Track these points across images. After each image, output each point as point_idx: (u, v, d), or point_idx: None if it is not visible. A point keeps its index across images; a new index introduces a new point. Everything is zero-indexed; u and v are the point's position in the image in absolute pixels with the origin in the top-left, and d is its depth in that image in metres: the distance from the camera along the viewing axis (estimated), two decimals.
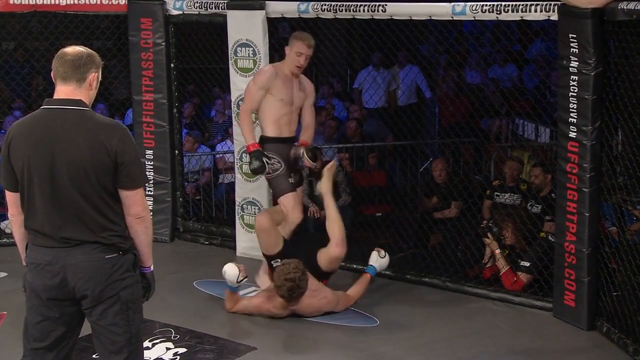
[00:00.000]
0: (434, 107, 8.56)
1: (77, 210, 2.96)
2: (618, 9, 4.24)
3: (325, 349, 4.47)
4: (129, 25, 6.22)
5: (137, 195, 3.03)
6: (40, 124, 2.98)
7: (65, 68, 3.00)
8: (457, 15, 5.03)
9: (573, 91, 4.55)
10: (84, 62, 3.01)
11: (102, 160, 2.94)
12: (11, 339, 4.50)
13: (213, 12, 5.98)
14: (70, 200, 2.95)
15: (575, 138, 4.58)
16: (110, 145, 2.94)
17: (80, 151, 2.93)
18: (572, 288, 4.70)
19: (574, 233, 4.64)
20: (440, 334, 4.67)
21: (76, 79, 3.00)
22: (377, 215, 6.71)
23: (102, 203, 2.98)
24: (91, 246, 2.98)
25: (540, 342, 4.58)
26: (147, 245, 3.13)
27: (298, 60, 5.12)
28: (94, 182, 2.95)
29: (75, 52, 3.02)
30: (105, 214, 3.00)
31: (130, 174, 2.99)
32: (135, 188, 3.02)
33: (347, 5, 5.41)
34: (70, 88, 3.00)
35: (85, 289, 2.99)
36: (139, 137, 6.32)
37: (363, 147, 7.46)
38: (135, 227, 3.06)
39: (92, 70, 3.03)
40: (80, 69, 3.00)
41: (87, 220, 2.97)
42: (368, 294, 5.24)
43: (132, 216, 3.04)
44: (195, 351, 4.38)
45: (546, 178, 5.77)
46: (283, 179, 5.21)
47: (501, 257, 5.24)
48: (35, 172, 2.95)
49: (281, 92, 5.15)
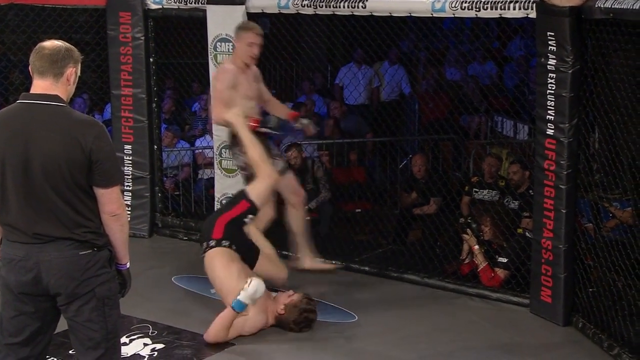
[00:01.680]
0: (413, 104, 8.58)
1: (51, 206, 2.94)
2: (595, 8, 4.27)
3: (303, 344, 4.47)
4: (108, 19, 6.18)
5: (113, 193, 3.00)
6: (16, 118, 2.95)
7: (42, 62, 2.96)
8: (437, 12, 5.04)
9: (551, 89, 4.58)
10: (62, 56, 2.98)
11: (77, 157, 2.91)
12: None
13: (193, 6, 5.96)
14: (44, 196, 2.93)
15: (553, 135, 4.61)
16: (86, 142, 2.91)
17: (55, 147, 2.90)
18: (549, 284, 4.74)
19: (551, 229, 4.67)
20: (419, 329, 4.70)
21: (53, 73, 2.96)
22: (356, 211, 6.72)
23: (76, 200, 2.95)
24: (65, 242, 2.96)
25: (518, 337, 4.62)
26: (122, 243, 3.11)
27: (251, 51, 5.07)
28: (68, 178, 2.92)
29: (53, 47, 2.99)
30: (80, 210, 2.97)
31: (105, 172, 2.96)
32: (110, 186, 2.99)
33: (327, 1, 5.40)
34: (47, 83, 2.97)
35: (59, 286, 2.97)
36: (118, 131, 6.28)
37: (343, 144, 7.47)
38: (111, 225, 3.04)
39: (70, 65, 3.00)
40: (57, 64, 2.97)
41: (60, 216, 2.94)
42: (346, 290, 5.25)
43: (107, 214, 3.01)
44: (173, 347, 4.37)
45: (524, 175, 5.80)
46: None
47: (479, 253, 5.27)
48: (9, 166, 2.92)
49: (245, 87, 5.14)
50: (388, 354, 4.34)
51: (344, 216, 6.66)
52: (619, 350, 4.24)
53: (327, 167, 7.10)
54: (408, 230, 6.30)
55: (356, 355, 4.34)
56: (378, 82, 8.75)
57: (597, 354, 4.34)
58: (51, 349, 4.26)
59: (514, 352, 4.42)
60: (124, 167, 6.28)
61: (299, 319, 4.55)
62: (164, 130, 7.24)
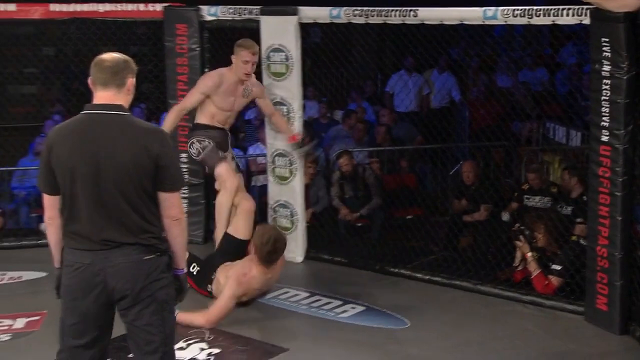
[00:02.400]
0: (464, 111, 8.50)
1: (120, 213, 3.00)
2: None
3: (356, 350, 4.46)
4: (165, 31, 6.27)
5: (175, 197, 3.08)
6: (84, 129, 3.02)
7: (104, 74, 3.04)
8: (489, 20, 5.00)
9: (605, 95, 4.49)
10: (122, 67, 3.06)
11: (145, 163, 2.98)
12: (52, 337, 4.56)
13: (246, 17, 6.01)
14: (113, 202, 2.99)
15: (608, 142, 4.52)
16: (153, 148, 2.98)
17: (124, 155, 2.97)
18: (605, 292, 4.64)
19: (607, 237, 4.58)
20: (471, 336, 4.64)
21: (116, 84, 3.04)
22: (407, 217, 6.67)
23: (142, 206, 3.02)
24: (131, 247, 3.02)
25: (572, 345, 4.53)
26: (182, 247, 3.17)
27: (245, 68, 5.27)
28: (137, 185, 2.99)
29: (113, 59, 3.07)
30: (146, 216, 3.03)
31: (170, 177, 3.04)
32: (174, 191, 3.07)
33: (378, 11, 5.39)
34: (110, 94, 3.04)
35: (125, 290, 3.02)
36: (174, 140, 6.35)
37: (394, 151, 7.43)
38: (173, 230, 3.10)
39: (130, 76, 3.08)
40: (119, 75, 3.05)
41: (128, 223, 3.00)
42: (398, 297, 5.22)
43: (169, 218, 3.08)
44: (229, 352, 4.40)
45: (574, 181, 5.71)
46: (213, 153, 5.35)
47: (532, 260, 5.19)
48: (79, 175, 2.98)
49: (221, 100, 5.36)
50: None
51: (395, 223, 6.62)
52: None
53: (377, 174, 7.07)
54: (459, 236, 6.24)
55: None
56: (428, 89, 8.71)
57: None
58: (111, 353, 4.35)
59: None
60: None
61: (261, 241, 4.73)
62: None
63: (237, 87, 5.37)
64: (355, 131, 7.67)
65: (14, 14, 6.23)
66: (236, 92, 5.38)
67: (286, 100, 5.83)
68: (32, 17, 6.29)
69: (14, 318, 4.80)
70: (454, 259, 5.80)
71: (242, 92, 5.42)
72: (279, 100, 5.84)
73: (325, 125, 8.27)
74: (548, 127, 7.85)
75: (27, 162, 7.36)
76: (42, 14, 6.26)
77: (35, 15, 6.26)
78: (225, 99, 5.36)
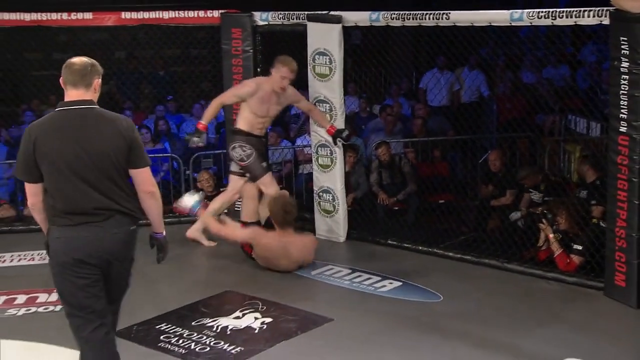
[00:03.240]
0: (492, 105, 8.39)
1: (104, 189, 3.17)
2: None
3: (394, 320, 4.45)
4: (222, 35, 6.30)
5: (146, 172, 3.27)
6: (63, 122, 3.18)
7: (74, 76, 3.22)
8: (515, 22, 4.91)
9: (624, 89, 4.39)
10: (89, 70, 3.24)
11: (121, 145, 3.18)
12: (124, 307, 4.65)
13: (295, 22, 6.01)
14: (98, 181, 3.16)
15: (626, 132, 4.42)
16: (126, 133, 3.19)
17: (103, 140, 3.16)
18: (623, 269, 4.55)
19: (624, 219, 4.49)
20: (499, 309, 4.60)
21: (84, 84, 3.22)
22: (440, 202, 6.62)
23: (122, 182, 3.22)
24: (117, 218, 3.19)
25: (593, 317, 4.46)
26: (158, 215, 3.35)
27: (282, 83, 5.37)
28: (116, 164, 3.18)
29: (82, 63, 3.25)
30: (125, 190, 3.23)
31: (140, 155, 3.24)
32: (144, 166, 3.26)
33: (414, 14, 5.35)
34: (80, 92, 3.22)
35: (114, 254, 3.20)
36: (230, 132, 6.40)
37: (427, 142, 7.38)
38: (147, 201, 3.30)
39: (96, 77, 3.26)
40: (87, 77, 3.22)
41: (113, 197, 3.18)
42: (432, 273, 5.20)
43: (143, 192, 3.27)
44: (279, 321, 4.43)
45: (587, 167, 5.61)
46: (257, 164, 5.44)
47: (555, 241, 5.11)
48: (65, 161, 3.13)
49: (256, 107, 5.44)
50: (471, 331, 4.27)
51: (429, 207, 6.57)
52: None
53: (413, 162, 7.03)
54: (487, 219, 6.17)
55: (442, 332, 4.28)
56: (458, 85, 8.61)
57: None
58: (175, 320, 4.42)
59: (590, 331, 4.26)
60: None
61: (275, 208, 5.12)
62: (269, 132, 7.32)
63: (271, 96, 5.44)
64: (387, 124, 7.64)
65: (90, 21, 6.35)
66: (270, 100, 5.46)
67: (329, 98, 5.83)
68: (106, 24, 6.39)
69: (50, 292, 4.84)
70: (482, 239, 5.74)
71: (276, 100, 5.48)
72: (322, 99, 5.83)
73: (365, 118, 8.24)
74: (570, 119, 7.69)
75: None
76: (115, 21, 6.35)
77: (108, 22, 6.36)
78: (260, 106, 5.44)
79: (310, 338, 4.22)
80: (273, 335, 4.24)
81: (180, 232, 5.97)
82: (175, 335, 4.24)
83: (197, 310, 4.60)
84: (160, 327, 4.34)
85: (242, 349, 4.06)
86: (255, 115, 5.47)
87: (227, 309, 4.59)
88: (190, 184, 7.20)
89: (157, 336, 4.23)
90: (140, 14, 6.32)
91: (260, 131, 5.60)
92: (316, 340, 4.19)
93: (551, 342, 4.10)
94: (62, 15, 6.26)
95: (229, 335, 4.24)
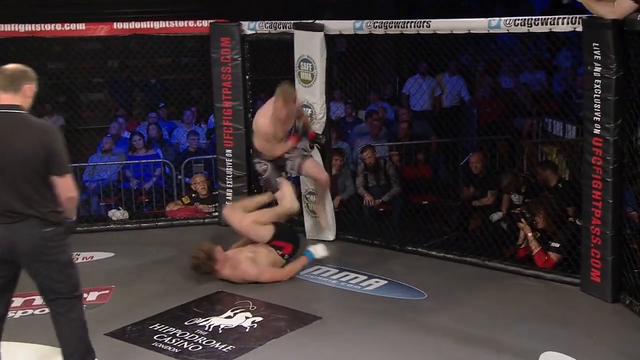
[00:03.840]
0: (472, 109, 8.43)
1: (24, 192, 3.21)
2: (636, 21, 4.12)
3: (380, 317, 4.47)
4: (211, 43, 6.30)
5: (65, 180, 3.29)
6: None
7: (4, 81, 3.28)
8: (493, 29, 4.95)
9: (597, 93, 4.44)
10: (19, 76, 3.30)
11: (39, 152, 3.20)
12: (119, 308, 4.65)
13: (281, 30, 6.02)
14: (18, 184, 3.20)
15: (599, 134, 4.47)
16: (46, 140, 3.22)
17: (25, 145, 3.19)
18: (598, 266, 4.59)
19: (599, 217, 4.54)
20: (480, 305, 4.63)
21: (13, 89, 3.27)
22: (423, 203, 6.65)
23: (41, 186, 3.24)
24: (34, 220, 3.23)
25: (570, 312, 4.50)
26: (71, 209, 3.38)
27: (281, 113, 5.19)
28: (35, 169, 3.21)
29: (12, 69, 3.32)
30: (44, 194, 3.25)
31: (59, 163, 3.26)
32: (64, 174, 3.28)
33: (396, 23, 5.38)
34: (9, 96, 3.27)
35: (26, 255, 3.26)
36: (220, 138, 6.41)
37: (411, 145, 7.41)
38: (66, 205, 3.34)
39: (25, 83, 3.30)
40: (15, 82, 3.28)
41: (30, 200, 3.22)
42: (416, 272, 5.22)
43: (63, 197, 3.30)
44: (270, 320, 4.44)
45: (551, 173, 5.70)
46: (272, 179, 5.43)
47: (533, 239, 5.15)
48: None
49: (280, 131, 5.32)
50: (454, 327, 4.30)
51: (412, 208, 6.59)
52: None
53: (397, 165, 7.05)
54: (469, 219, 6.20)
55: (426, 328, 4.31)
56: (440, 91, 8.65)
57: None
58: (169, 320, 4.42)
59: (567, 325, 4.30)
60: (226, 169, 6.41)
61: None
62: None
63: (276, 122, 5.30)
64: (373, 128, 7.67)
65: (84, 31, 6.32)
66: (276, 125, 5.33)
67: (311, 103, 5.84)
68: (99, 34, 6.37)
69: (87, 292, 4.87)
70: (464, 238, 5.77)
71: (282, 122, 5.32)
72: (305, 103, 5.85)
73: (351, 123, 8.26)
74: (547, 122, 7.75)
75: (96, 159, 7.47)
76: (107, 32, 6.33)
77: (101, 32, 6.34)
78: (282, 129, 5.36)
79: (299, 336, 4.23)
80: (263, 333, 4.25)
81: (173, 235, 5.96)
82: (169, 335, 4.23)
83: (189, 310, 4.59)
84: (154, 327, 4.33)
85: (234, 347, 4.06)
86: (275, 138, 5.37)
87: (218, 309, 4.59)
88: (182, 188, 7.20)
89: (151, 336, 4.22)
90: (131, 24, 6.31)
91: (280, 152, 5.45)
92: (305, 337, 4.20)
93: (530, 337, 4.14)
94: (56, 26, 6.23)
95: (220, 334, 4.24)
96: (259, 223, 5.22)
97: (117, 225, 6.43)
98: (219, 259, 4.94)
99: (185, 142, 7.74)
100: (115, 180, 7.33)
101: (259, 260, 5.03)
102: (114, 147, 7.51)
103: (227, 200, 6.41)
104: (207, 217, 6.66)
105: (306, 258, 5.21)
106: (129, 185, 7.22)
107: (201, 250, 4.94)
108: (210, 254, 4.92)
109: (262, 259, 5.05)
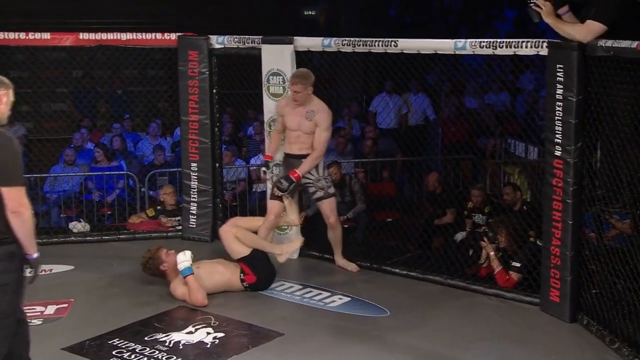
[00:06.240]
0: (437, 128, 8.53)
1: None
2: (598, 46, 4.22)
3: (343, 335, 4.46)
4: (179, 56, 6.26)
5: (11, 192, 3.08)
6: None
7: None
8: (459, 50, 5.02)
9: (558, 115, 4.52)
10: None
11: None
12: (78, 322, 4.55)
13: (250, 45, 6.02)
14: None
15: (560, 156, 4.55)
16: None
17: None
18: (557, 286, 4.65)
19: (559, 238, 4.60)
20: (442, 323, 4.65)
21: None
22: (388, 220, 6.68)
23: None
24: None
25: (529, 331, 4.54)
26: (25, 237, 3.14)
27: (293, 95, 5.40)
28: None
29: None
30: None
31: (5, 174, 3.07)
32: (8, 185, 3.08)
33: (364, 41, 5.43)
34: None
35: None
36: (185, 151, 6.36)
37: (376, 162, 7.45)
38: (13, 221, 3.10)
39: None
40: None
41: None
42: (379, 289, 5.23)
43: (9, 211, 3.09)
44: (231, 336, 4.39)
45: (516, 195, 5.79)
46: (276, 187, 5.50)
47: (495, 258, 5.20)
48: None
49: (288, 119, 5.47)
50: (416, 345, 4.31)
51: (377, 225, 6.62)
52: (619, 345, 4.15)
53: (362, 182, 7.08)
54: (432, 237, 6.25)
55: (388, 346, 4.31)
56: (406, 109, 8.73)
57: (600, 348, 4.25)
58: (129, 335, 4.34)
59: (526, 344, 4.34)
60: (191, 182, 6.36)
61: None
62: (224, 151, 7.30)
63: (298, 109, 5.40)
64: (338, 144, 7.70)
65: (48, 41, 6.24)
66: (298, 114, 5.41)
67: None
68: (64, 44, 6.29)
69: (45, 305, 4.78)
70: (427, 256, 5.80)
71: (305, 114, 5.40)
72: (275, 117, 5.84)
73: None
74: (509, 142, 7.87)
75: (58, 170, 7.34)
76: (73, 42, 6.25)
77: (66, 42, 6.26)
78: (290, 118, 5.44)
79: (261, 352, 4.19)
80: (225, 349, 4.20)
81: (135, 248, 5.87)
82: (128, 350, 4.15)
83: (150, 325, 4.52)
84: (113, 342, 4.25)
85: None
86: (289, 130, 5.48)
87: (180, 324, 4.53)
88: (145, 201, 7.11)
89: (110, 351, 4.14)
90: (98, 35, 6.24)
91: (296, 147, 5.47)
92: (267, 354, 4.16)
93: (490, 355, 4.17)
94: (20, 35, 6.14)
95: (181, 350, 4.18)
96: (240, 238, 5.17)
97: (78, 238, 6.32)
98: (164, 259, 4.94)
99: (150, 154, 7.67)
100: (77, 191, 7.21)
101: (201, 275, 4.95)
102: (76, 158, 7.40)
103: (191, 214, 6.35)
104: (171, 230, 6.58)
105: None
106: (91, 197, 7.11)
107: (149, 249, 5.06)
108: (155, 253, 4.98)
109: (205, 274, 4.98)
